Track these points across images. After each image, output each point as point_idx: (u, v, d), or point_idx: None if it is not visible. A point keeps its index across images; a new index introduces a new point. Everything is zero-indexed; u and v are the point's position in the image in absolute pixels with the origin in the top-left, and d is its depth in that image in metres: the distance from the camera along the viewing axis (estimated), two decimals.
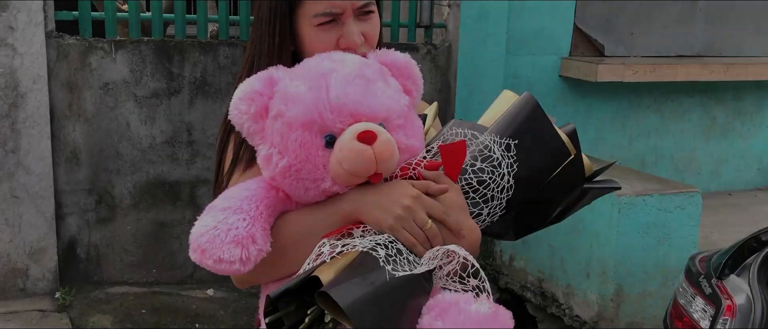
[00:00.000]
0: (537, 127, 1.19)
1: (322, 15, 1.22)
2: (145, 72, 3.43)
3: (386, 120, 1.13)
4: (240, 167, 1.24)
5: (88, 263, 3.49)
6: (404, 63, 1.23)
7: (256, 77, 1.16)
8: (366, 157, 1.06)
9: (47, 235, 3.32)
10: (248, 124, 1.14)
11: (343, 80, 1.11)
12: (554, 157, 1.19)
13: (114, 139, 3.42)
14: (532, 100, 1.20)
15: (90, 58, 3.33)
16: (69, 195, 3.39)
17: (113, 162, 3.44)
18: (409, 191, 1.10)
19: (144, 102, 3.44)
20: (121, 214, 3.50)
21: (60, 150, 3.34)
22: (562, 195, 1.23)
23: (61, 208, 3.38)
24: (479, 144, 1.16)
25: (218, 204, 1.12)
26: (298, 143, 1.10)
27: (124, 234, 3.53)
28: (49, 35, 3.24)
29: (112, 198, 3.48)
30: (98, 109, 3.37)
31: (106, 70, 3.36)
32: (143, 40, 3.41)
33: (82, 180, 3.40)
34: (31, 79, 3.20)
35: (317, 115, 1.09)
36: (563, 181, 1.20)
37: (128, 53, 3.38)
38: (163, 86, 3.47)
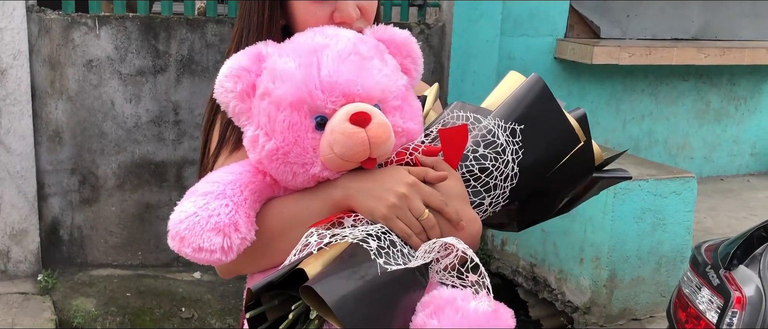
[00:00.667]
0: (545, 112, 1.11)
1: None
2: (130, 49, 3.33)
3: (382, 101, 1.05)
4: (226, 149, 1.17)
5: (72, 245, 3.41)
6: (403, 40, 1.15)
7: (243, 53, 1.08)
8: (358, 140, 0.98)
9: (29, 216, 3.23)
10: (234, 103, 1.06)
11: (336, 57, 1.03)
12: (562, 144, 1.12)
13: (98, 117, 3.32)
14: (540, 82, 1.13)
15: (73, 33, 3.22)
16: (51, 175, 3.29)
17: (97, 141, 3.35)
18: (405, 178, 1.02)
19: (129, 80, 3.34)
20: (106, 195, 3.41)
21: (42, 128, 3.24)
22: (570, 184, 1.16)
23: (43, 189, 3.29)
24: (482, 128, 1.09)
25: (199, 189, 1.04)
26: (286, 124, 1.02)
27: (108, 216, 3.44)
28: (30, 9, 3.13)
29: (96, 179, 3.39)
30: (81, 86, 3.27)
31: (89, 47, 3.25)
32: (128, 16, 3.30)
33: (65, 159, 3.31)
34: (11, 54, 3.09)
35: (307, 94, 1.01)
36: (571, 170, 1.13)
37: (112, 29, 3.28)
38: (148, 64, 3.37)
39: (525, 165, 1.08)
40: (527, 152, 1.08)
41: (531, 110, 1.10)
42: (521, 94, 1.11)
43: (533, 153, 1.09)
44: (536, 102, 1.11)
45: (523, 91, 1.12)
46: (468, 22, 3.85)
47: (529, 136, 1.08)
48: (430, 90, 1.23)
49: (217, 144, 1.18)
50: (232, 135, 1.15)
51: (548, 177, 1.12)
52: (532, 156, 1.08)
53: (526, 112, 1.10)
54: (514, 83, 1.16)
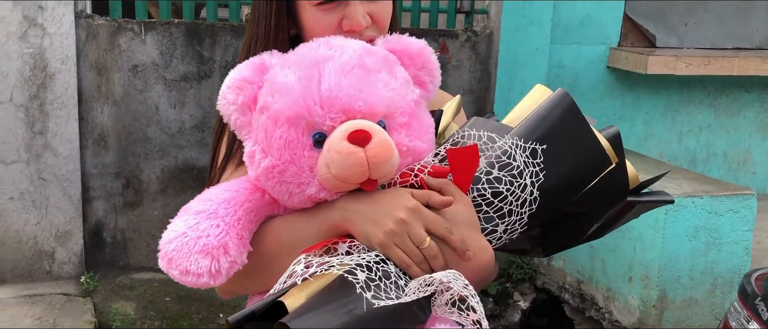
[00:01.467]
0: (570, 130, 1.02)
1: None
2: (175, 54, 3.35)
3: (387, 117, 0.98)
4: (233, 162, 1.12)
5: (114, 248, 3.44)
6: (418, 50, 1.07)
7: (246, 63, 1.03)
8: (356, 160, 0.91)
9: (74, 219, 3.28)
10: (235, 116, 1.01)
11: (338, 70, 0.97)
12: (591, 166, 1.03)
13: (142, 122, 3.35)
14: (566, 98, 1.04)
15: (119, 39, 3.26)
16: (96, 178, 3.34)
17: (141, 146, 3.37)
18: (406, 202, 0.95)
19: (173, 85, 3.36)
20: (149, 199, 3.44)
21: (88, 132, 3.28)
22: (601, 209, 1.07)
23: (87, 192, 3.33)
24: (498, 148, 1.00)
25: (192, 207, 0.99)
26: (283, 141, 0.96)
27: (150, 220, 3.47)
28: (79, 15, 3.18)
29: (140, 183, 3.42)
30: (127, 91, 3.30)
31: (135, 52, 3.28)
32: (174, 22, 3.33)
33: (110, 163, 3.35)
34: (59, 59, 3.14)
35: (305, 109, 0.95)
36: (602, 194, 1.04)
37: (158, 35, 3.30)
38: (193, 70, 3.38)
39: (547, 189, 0.99)
40: (549, 175, 0.99)
41: (555, 128, 1.01)
42: (544, 111, 1.03)
43: (556, 175, 1.00)
44: (561, 119, 1.02)
45: (546, 108, 1.03)
46: (516, 29, 3.75)
47: (551, 157, 1.00)
48: (449, 104, 1.15)
49: (223, 157, 1.14)
50: (239, 148, 1.10)
51: (575, 201, 1.03)
52: (554, 179, 1.00)
53: (549, 130, 1.01)
54: (539, 98, 1.08)
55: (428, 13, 3.76)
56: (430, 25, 3.77)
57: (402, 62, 1.07)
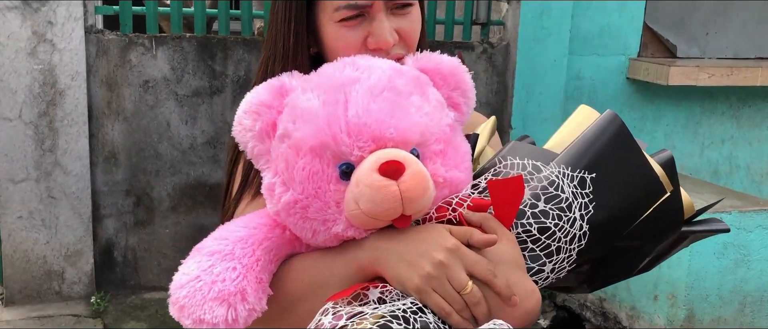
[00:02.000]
0: (622, 157, 0.93)
1: (345, 8, 0.99)
2: (186, 69, 3.28)
3: (420, 145, 0.89)
4: (248, 193, 1.03)
5: (125, 267, 3.37)
6: (451, 69, 0.98)
7: (264, 85, 0.94)
8: (388, 195, 0.82)
9: (84, 237, 3.21)
10: (252, 143, 0.92)
11: (367, 93, 0.88)
12: (644, 195, 0.94)
13: (153, 138, 3.28)
14: (616, 120, 0.95)
15: (130, 54, 3.20)
16: (106, 196, 3.27)
17: (152, 162, 3.30)
18: (445, 241, 0.85)
19: (185, 101, 3.30)
20: (160, 217, 3.36)
21: (98, 149, 3.22)
22: (654, 241, 0.98)
23: (98, 210, 3.26)
24: (543, 178, 0.91)
25: (206, 246, 0.90)
26: (306, 173, 0.87)
27: (162, 238, 3.39)
28: (89, 31, 3.12)
29: (151, 200, 3.34)
30: (138, 107, 3.24)
31: (146, 67, 3.22)
32: (185, 37, 3.26)
33: (120, 181, 3.28)
34: (69, 75, 3.08)
35: (331, 137, 0.86)
36: (656, 225, 0.95)
37: (169, 50, 3.24)
38: (205, 85, 3.31)
39: (597, 223, 0.90)
40: (600, 206, 0.91)
41: (605, 155, 0.93)
42: (592, 135, 0.94)
43: (607, 207, 0.91)
44: (611, 145, 0.93)
45: (594, 132, 0.94)
46: (534, 40, 3.66)
47: (601, 187, 0.91)
48: (484, 126, 1.06)
49: (239, 186, 1.05)
50: (255, 177, 1.02)
51: (627, 234, 0.94)
52: (605, 211, 0.91)
53: (598, 157, 0.92)
54: (584, 120, 0.99)
55: (443, 25, 3.68)
56: (445, 37, 3.69)
57: (434, 82, 0.98)
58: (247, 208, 1.03)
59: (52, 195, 3.14)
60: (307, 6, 1.03)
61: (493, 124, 1.07)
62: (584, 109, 1.01)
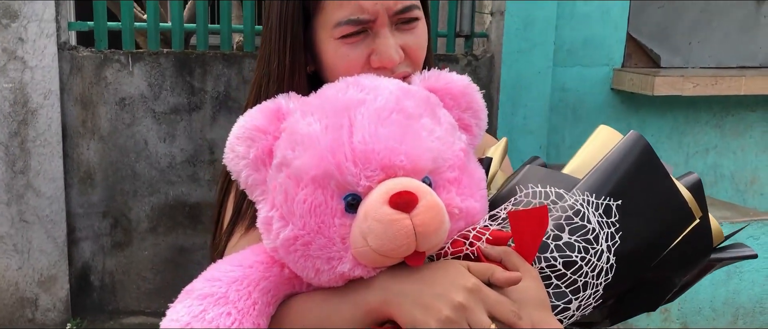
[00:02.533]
0: (648, 181, 0.87)
1: (346, 23, 0.91)
2: (164, 86, 3.18)
3: (433, 173, 0.82)
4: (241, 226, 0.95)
5: (102, 291, 3.25)
6: (461, 88, 0.91)
7: (259, 108, 0.86)
8: (401, 230, 0.75)
9: (58, 262, 3.08)
10: (246, 172, 0.84)
11: (374, 117, 0.80)
12: (673, 223, 0.87)
13: (130, 157, 3.17)
14: (642, 142, 0.89)
15: (105, 71, 3.09)
16: (82, 218, 3.15)
17: (130, 182, 3.19)
18: (464, 280, 0.77)
19: (163, 118, 3.19)
20: (138, 239, 3.25)
21: (73, 170, 3.10)
22: (682, 271, 0.91)
23: (73, 233, 3.14)
24: (567, 208, 0.84)
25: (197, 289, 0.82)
26: (308, 205, 0.79)
27: (141, 261, 3.28)
28: (62, 47, 3.01)
29: (129, 222, 3.23)
30: (114, 125, 3.13)
31: (122, 84, 3.12)
32: (162, 52, 3.16)
33: (97, 202, 3.16)
34: (42, 94, 2.97)
35: (334, 166, 0.78)
36: (684, 254, 0.89)
37: (146, 66, 3.14)
38: (183, 101, 3.21)
39: (624, 254, 0.83)
40: (627, 237, 0.84)
41: (631, 180, 0.86)
42: (617, 159, 0.87)
43: (635, 237, 0.84)
44: (637, 169, 0.87)
45: (618, 155, 0.87)
46: (518, 52, 3.62)
47: (628, 215, 0.84)
48: (495, 148, 0.99)
49: (231, 218, 0.97)
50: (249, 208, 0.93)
51: (654, 265, 0.88)
52: (633, 241, 0.84)
53: (624, 182, 0.85)
54: (605, 141, 0.92)
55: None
56: None
57: (444, 103, 0.91)
58: (241, 242, 0.95)
59: (24, 219, 3.02)
60: (304, 21, 0.95)
61: (504, 145, 1.00)
62: (604, 130, 0.95)
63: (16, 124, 2.96)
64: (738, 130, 4.26)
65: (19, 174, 2.99)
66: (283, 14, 0.95)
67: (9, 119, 2.95)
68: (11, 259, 3.03)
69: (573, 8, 3.73)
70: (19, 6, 2.89)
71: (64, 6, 3.03)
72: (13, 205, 2.99)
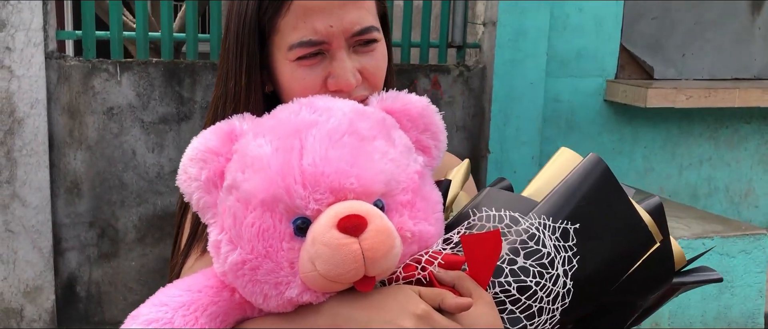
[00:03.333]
0: (607, 204, 0.85)
1: (299, 45, 0.90)
2: (152, 95, 3.17)
3: (385, 195, 0.80)
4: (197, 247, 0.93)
5: (89, 302, 3.22)
6: (419, 110, 0.90)
7: (213, 130, 0.85)
8: (349, 254, 0.73)
9: (44, 272, 3.06)
10: (198, 194, 0.83)
11: (325, 139, 0.79)
12: (632, 247, 0.85)
13: (118, 168, 3.16)
14: (601, 165, 0.87)
15: (93, 80, 3.08)
16: (68, 228, 3.13)
17: (117, 193, 3.18)
18: (414, 306, 0.76)
19: (151, 128, 3.18)
20: (126, 249, 3.23)
21: (59, 180, 3.09)
22: (643, 296, 0.89)
23: (59, 243, 3.12)
24: (522, 231, 0.82)
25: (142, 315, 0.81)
26: (256, 229, 0.78)
27: (128, 271, 3.26)
28: (50, 56, 3.00)
29: (116, 232, 3.21)
30: (101, 135, 3.11)
31: (110, 94, 3.10)
32: (151, 61, 3.15)
33: (83, 212, 3.14)
34: (28, 103, 2.95)
35: (283, 189, 0.77)
36: (645, 278, 0.87)
37: (135, 75, 3.13)
38: (172, 111, 3.20)
39: (582, 279, 0.82)
40: (584, 261, 0.82)
41: (588, 203, 0.84)
42: (575, 183, 0.85)
43: (593, 261, 0.82)
44: (596, 192, 0.85)
45: (577, 178, 0.86)
46: (510, 63, 3.60)
47: (586, 239, 0.82)
48: (457, 170, 0.97)
49: (187, 240, 0.95)
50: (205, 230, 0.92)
51: (613, 290, 0.86)
52: (591, 265, 0.82)
53: (582, 206, 0.84)
54: (565, 164, 0.91)
55: (419, 48, 3.61)
56: (420, 61, 3.62)
57: (401, 125, 0.89)
58: (196, 265, 0.93)
59: (9, 229, 3.00)
60: (261, 41, 0.94)
61: (466, 167, 0.98)
62: (565, 152, 0.93)
63: (2, 133, 2.95)
64: (732, 142, 4.23)
65: (5, 184, 2.97)
66: (240, 33, 0.93)
67: None
68: None
69: (566, 19, 3.72)
70: (6, 15, 2.88)
71: (52, 15, 3.02)
72: None
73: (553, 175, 0.90)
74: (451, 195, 0.92)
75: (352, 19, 0.91)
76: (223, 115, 0.91)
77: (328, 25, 0.89)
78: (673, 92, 3.69)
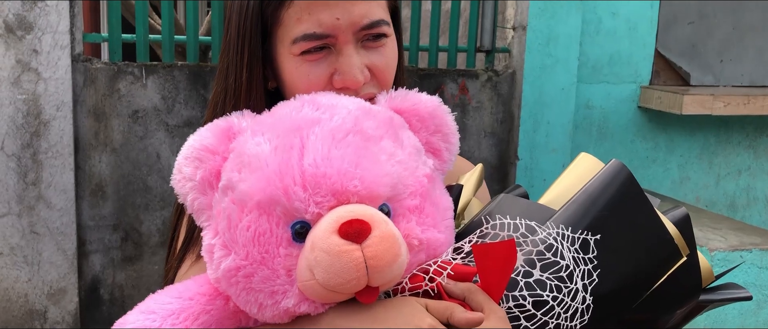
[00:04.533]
0: (630, 214, 0.78)
1: (303, 38, 0.85)
2: (178, 99, 3.16)
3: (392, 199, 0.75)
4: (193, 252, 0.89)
5: (112, 305, 3.22)
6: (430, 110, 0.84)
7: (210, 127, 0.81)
8: (350, 262, 0.68)
9: (68, 274, 3.07)
10: (193, 195, 0.79)
11: (328, 137, 0.74)
12: (657, 261, 0.79)
13: (143, 171, 3.15)
14: (624, 171, 0.80)
15: (119, 83, 3.08)
16: (93, 231, 3.13)
17: (141, 196, 3.17)
18: (420, 320, 0.70)
19: (176, 131, 3.17)
20: (149, 253, 3.22)
21: (84, 182, 3.09)
22: (668, 312, 0.82)
23: (83, 245, 3.12)
24: (539, 241, 0.76)
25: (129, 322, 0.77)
26: (251, 233, 0.73)
27: (151, 274, 3.25)
28: (76, 59, 3.01)
29: (140, 235, 3.20)
30: (126, 138, 3.11)
31: (135, 97, 3.10)
32: (176, 65, 3.14)
33: (108, 215, 3.14)
34: (55, 106, 2.96)
35: (282, 190, 0.72)
36: (670, 295, 0.80)
37: (160, 78, 3.12)
38: (197, 114, 3.18)
39: (602, 294, 0.75)
40: (605, 275, 0.75)
41: (611, 213, 0.78)
42: (596, 190, 0.79)
43: (614, 276, 0.76)
44: (618, 201, 0.78)
45: (598, 186, 0.79)
46: (541, 68, 3.52)
47: (607, 252, 0.76)
48: (470, 175, 0.91)
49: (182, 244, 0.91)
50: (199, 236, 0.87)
51: (636, 307, 0.79)
52: (612, 280, 0.76)
53: (604, 215, 0.77)
54: (586, 171, 0.84)
55: (446, 53, 3.55)
56: (448, 65, 3.56)
57: (411, 125, 0.83)
58: (190, 271, 0.89)
59: (34, 231, 3.01)
60: (263, 34, 0.89)
61: (480, 172, 0.92)
62: (585, 158, 0.86)
63: (28, 135, 2.96)
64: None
65: (30, 185, 2.98)
66: (241, 26, 0.89)
67: (22, 130, 2.95)
68: (21, 271, 3.02)
69: (599, 23, 3.63)
70: (33, 17, 2.89)
71: (79, 17, 3.03)
72: (24, 217, 2.99)
73: (573, 182, 0.83)
74: (462, 201, 0.87)
75: (361, 12, 0.86)
76: (222, 112, 0.87)
77: (335, 17, 0.84)
78: (710, 99, 3.57)
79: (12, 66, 2.90)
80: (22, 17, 2.88)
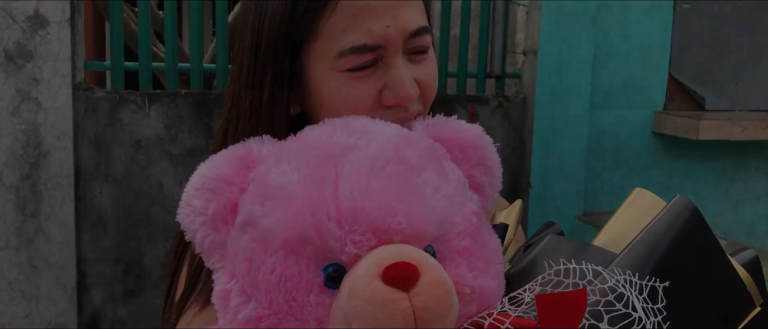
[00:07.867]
0: (699, 258, 0.69)
1: (352, 51, 0.75)
2: (181, 128, 3.07)
3: (439, 240, 0.65)
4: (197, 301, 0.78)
5: None
6: (472, 140, 0.74)
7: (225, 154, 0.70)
8: (396, 313, 0.58)
9: (67, 310, 2.96)
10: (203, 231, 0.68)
11: (366, 167, 0.64)
12: (729, 311, 0.69)
13: (145, 202, 3.06)
14: (690, 208, 0.70)
15: (121, 112, 3.00)
16: (93, 264, 3.03)
17: (143, 228, 3.07)
18: None
19: (179, 161, 3.08)
20: (151, 286, 3.11)
21: (85, 214, 2.99)
22: None
23: (84, 279, 3.02)
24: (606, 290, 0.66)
25: None
26: (276, 276, 0.63)
27: (153, 309, 3.13)
28: (77, 88, 2.93)
29: (141, 269, 3.10)
30: (128, 168, 3.02)
31: (138, 126, 3.02)
32: (180, 93, 3.07)
33: (109, 247, 3.04)
34: (55, 135, 2.88)
35: (313, 227, 0.62)
36: None
37: (163, 107, 3.04)
38: (201, 143, 3.10)
39: None
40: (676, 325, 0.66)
41: (679, 257, 0.68)
42: (661, 230, 0.69)
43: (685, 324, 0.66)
44: (686, 242, 0.68)
45: (662, 226, 0.69)
46: (553, 94, 3.44)
47: (677, 300, 0.66)
48: (509, 212, 0.81)
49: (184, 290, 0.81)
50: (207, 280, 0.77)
51: None
52: None
53: (671, 259, 0.67)
54: (644, 208, 0.74)
55: (456, 78, 3.47)
56: (458, 91, 3.48)
57: (452, 156, 0.73)
58: (195, 321, 0.79)
59: (33, 265, 2.91)
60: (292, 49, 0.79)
61: (520, 208, 0.82)
62: (642, 194, 0.76)
63: (27, 166, 2.87)
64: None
65: (29, 218, 2.89)
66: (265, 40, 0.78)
67: (21, 161, 2.86)
68: (18, 306, 2.91)
69: (611, 48, 3.55)
70: (34, 45, 2.82)
71: (80, 46, 2.96)
72: (22, 250, 2.89)
73: (631, 221, 0.73)
74: (505, 242, 0.77)
75: (409, 18, 0.77)
76: (234, 140, 0.77)
77: (385, 25, 0.75)
78: (727, 124, 3.48)
79: (12, 95, 2.82)
80: (22, 45, 2.81)
